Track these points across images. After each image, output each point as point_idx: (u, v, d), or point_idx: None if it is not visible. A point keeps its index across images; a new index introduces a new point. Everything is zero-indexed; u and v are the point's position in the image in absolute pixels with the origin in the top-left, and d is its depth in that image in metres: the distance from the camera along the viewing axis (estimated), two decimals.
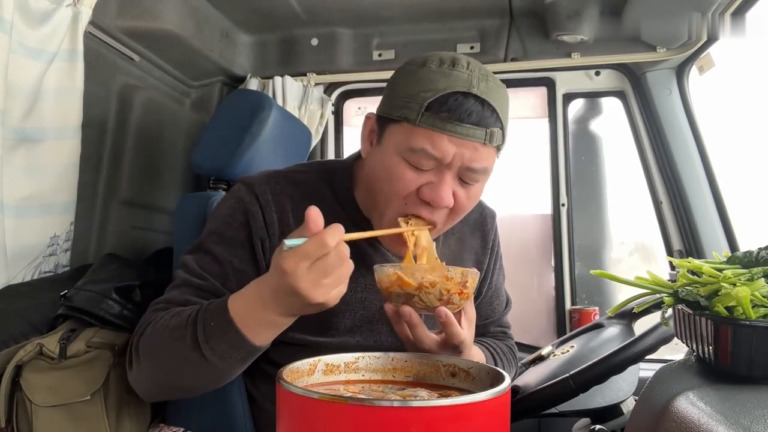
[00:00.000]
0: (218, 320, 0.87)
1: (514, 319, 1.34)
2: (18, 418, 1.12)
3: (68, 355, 1.15)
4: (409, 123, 0.93)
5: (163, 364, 0.94)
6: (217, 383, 0.95)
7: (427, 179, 0.95)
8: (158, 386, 1.00)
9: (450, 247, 1.18)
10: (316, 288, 0.79)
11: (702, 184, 1.89)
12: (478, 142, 0.93)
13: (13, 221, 1.32)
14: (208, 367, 0.89)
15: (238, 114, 1.49)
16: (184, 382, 0.95)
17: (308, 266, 0.78)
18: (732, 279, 0.73)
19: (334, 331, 1.08)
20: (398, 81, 0.99)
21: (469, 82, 0.92)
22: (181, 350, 0.90)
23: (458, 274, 0.89)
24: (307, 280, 0.79)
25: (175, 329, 0.91)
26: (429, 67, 0.95)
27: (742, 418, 0.58)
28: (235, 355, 0.88)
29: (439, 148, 0.92)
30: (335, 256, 0.79)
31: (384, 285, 0.91)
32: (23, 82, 1.32)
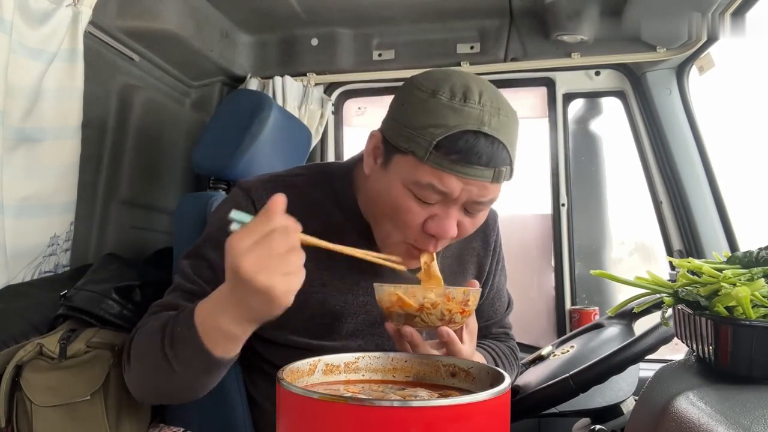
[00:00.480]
0: (184, 326, 0.86)
1: (515, 320, 1.34)
2: (18, 418, 1.12)
3: (68, 355, 1.15)
4: (416, 158, 0.90)
5: (144, 369, 0.95)
6: (195, 390, 0.93)
7: (433, 212, 0.94)
8: (146, 390, 0.99)
9: (451, 250, 1.17)
10: (260, 269, 0.73)
11: (702, 184, 1.89)
12: (486, 181, 0.91)
13: (13, 221, 1.32)
14: (175, 375, 0.88)
15: (238, 114, 1.49)
16: (163, 389, 0.95)
17: (252, 243, 0.74)
18: (732, 279, 0.73)
19: (336, 335, 1.08)
20: (406, 108, 0.94)
21: (480, 120, 0.89)
22: (153, 356, 0.89)
23: (459, 294, 0.89)
24: (250, 258, 0.73)
25: (152, 334, 0.91)
26: (440, 98, 0.90)
27: (742, 418, 0.58)
28: (196, 365, 0.86)
29: (447, 185, 0.90)
30: (281, 234, 0.74)
31: (384, 305, 0.91)
32: (23, 82, 1.32)
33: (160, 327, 0.91)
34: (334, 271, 1.05)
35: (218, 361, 0.85)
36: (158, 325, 0.92)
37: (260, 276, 0.73)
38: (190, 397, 0.95)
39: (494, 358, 1.16)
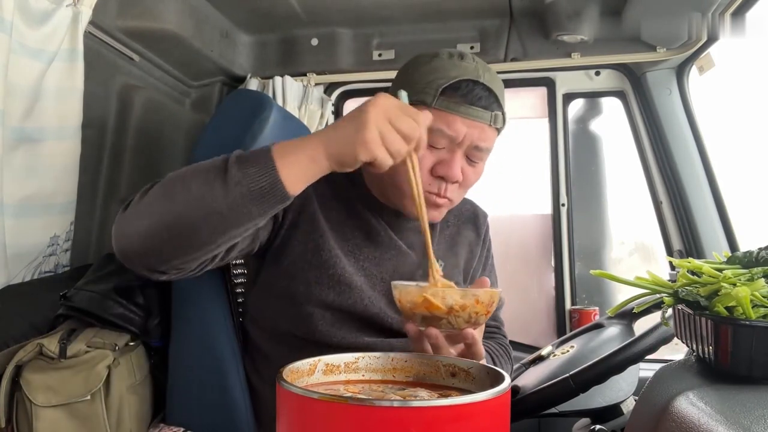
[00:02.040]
0: (258, 150, 0.88)
1: (515, 320, 1.35)
2: (18, 418, 1.12)
3: (68, 355, 1.15)
4: (425, 106, 1.03)
5: (174, 189, 0.88)
6: (221, 224, 0.87)
7: (440, 157, 1.07)
8: (153, 220, 0.89)
9: (446, 238, 1.25)
10: (377, 112, 0.85)
11: (702, 184, 1.89)
12: (485, 124, 1.06)
13: (13, 221, 1.32)
14: (222, 192, 0.84)
15: (238, 114, 1.49)
16: (186, 212, 0.86)
17: (395, 106, 0.87)
18: (732, 279, 0.73)
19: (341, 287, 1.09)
20: (411, 71, 1.10)
21: (476, 72, 1.05)
22: (204, 171, 0.88)
23: (487, 296, 0.88)
24: (384, 103, 0.86)
25: (207, 162, 0.90)
26: (441, 57, 1.07)
27: (742, 418, 0.58)
28: (256, 182, 0.84)
29: (453, 128, 1.04)
30: (413, 126, 0.86)
31: (407, 305, 0.89)
32: (23, 82, 1.32)
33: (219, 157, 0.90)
34: (341, 232, 1.13)
35: (278, 184, 0.85)
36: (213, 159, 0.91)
37: (372, 113, 0.84)
38: (210, 234, 0.88)
39: (492, 358, 1.18)
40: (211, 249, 0.91)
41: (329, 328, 1.10)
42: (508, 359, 1.28)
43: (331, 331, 1.10)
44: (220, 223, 0.87)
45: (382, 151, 0.85)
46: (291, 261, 1.09)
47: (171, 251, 0.90)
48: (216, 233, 0.88)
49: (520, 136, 2.29)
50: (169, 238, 0.88)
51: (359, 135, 0.84)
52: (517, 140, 2.29)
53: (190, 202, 0.86)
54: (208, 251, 0.91)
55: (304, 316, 1.10)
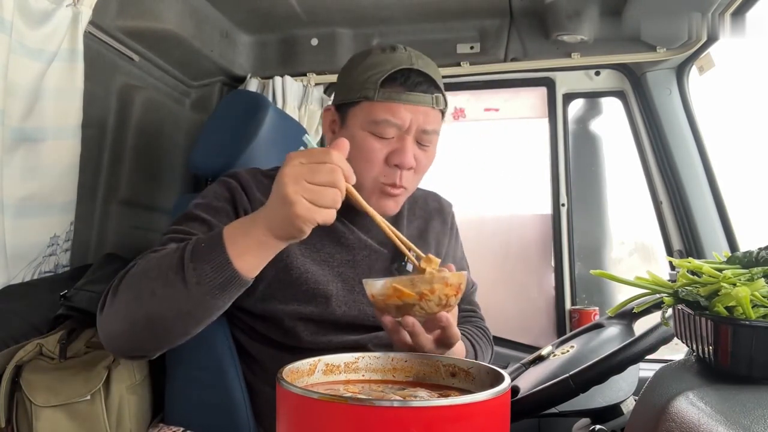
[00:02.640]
0: (209, 241, 0.88)
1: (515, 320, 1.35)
2: (18, 418, 1.12)
3: (68, 355, 1.15)
4: (368, 101, 1.09)
5: (141, 291, 0.91)
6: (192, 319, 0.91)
7: (392, 147, 1.10)
8: (129, 321, 0.92)
9: (414, 231, 1.30)
10: (293, 182, 0.81)
11: (702, 184, 1.89)
12: (428, 107, 1.10)
13: (13, 221, 1.32)
14: (185, 293, 0.87)
15: (236, 115, 1.49)
16: (158, 312, 0.90)
17: (302, 162, 0.82)
18: (732, 279, 0.73)
19: (319, 302, 1.12)
20: (348, 72, 1.14)
21: (410, 60, 1.10)
22: (164, 273, 0.88)
23: (455, 278, 0.90)
24: (292, 169, 0.82)
25: (165, 256, 0.91)
26: (373, 54, 1.12)
27: (742, 418, 0.58)
28: (214, 280, 0.86)
29: (399, 116, 1.08)
30: (328, 170, 0.82)
31: (379, 298, 0.90)
32: (23, 82, 1.32)
33: (176, 248, 0.91)
34: (309, 243, 1.12)
35: (237, 275, 0.87)
36: (171, 249, 0.92)
37: (290, 188, 0.81)
38: (184, 328, 0.92)
39: (471, 343, 1.22)
40: (188, 336, 0.95)
41: (314, 336, 1.13)
42: (487, 341, 1.32)
43: (316, 337, 1.13)
44: (190, 319, 0.91)
45: (319, 213, 0.82)
46: (265, 286, 1.11)
47: (154, 345, 0.97)
48: (189, 326, 0.93)
49: (520, 136, 2.29)
50: (148, 337, 0.94)
51: (291, 212, 0.82)
52: (517, 140, 2.30)
53: (157, 306, 0.89)
54: (187, 337, 0.95)
55: (287, 329, 1.13)
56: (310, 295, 1.12)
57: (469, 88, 2.20)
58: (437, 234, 1.34)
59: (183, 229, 1.05)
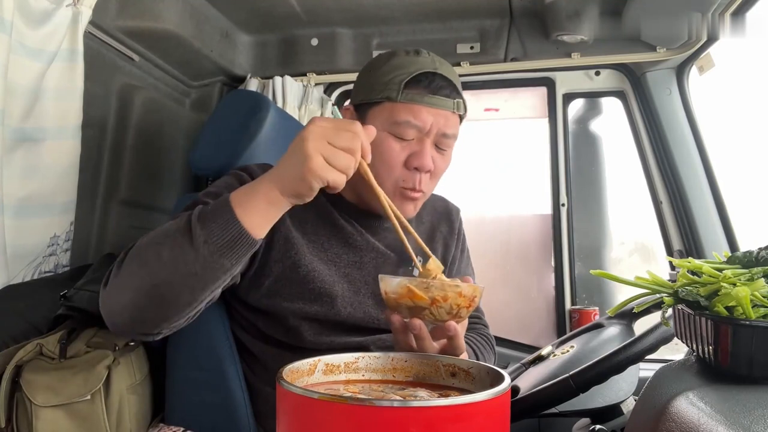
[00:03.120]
0: (217, 204, 0.89)
1: (515, 320, 1.35)
2: (18, 418, 1.12)
3: (68, 355, 1.15)
4: (390, 101, 1.09)
5: (147, 259, 0.90)
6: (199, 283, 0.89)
7: (411, 149, 1.11)
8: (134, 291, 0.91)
9: (421, 234, 1.28)
10: (315, 139, 0.83)
11: (702, 184, 1.89)
12: (449, 111, 1.11)
13: (13, 221, 1.32)
14: (192, 254, 0.86)
15: (236, 114, 1.49)
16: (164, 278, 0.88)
17: (329, 124, 0.86)
18: (732, 279, 0.73)
19: (324, 301, 1.12)
20: (371, 72, 1.14)
21: (434, 65, 1.11)
22: (171, 236, 0.88)
23: (470, 290, 0.90)
24: (317, 128, 0.85)
25: (171, 224, 0.91)
26: (398, 56, 1.13)
27: (742, 418, 0.58)
28: (221, 238, 0.86)
29: (420, 118, 1.08)
30: (351, 137, 0.85)
31: (392, 296, 0.91)
32: (23, 82, 1.32)
33: (182, 217, 0.91)
34: (317, 243, 1.15)
35: (244, 233, 0.87)
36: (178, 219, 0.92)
37: (310, 143, 0.83)
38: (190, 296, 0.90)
39: (474, 351, 1.22)
40: (194, 306, 0.93)
41: (317, 336, 1.13)
42: (491, 349, 1.32)
43: (319, 338, 1.13)
44: (197, 282, 0.89)
45: (331, 173, 0.85)
46: (271, 281, 1.11)
47: (158, 317, 0.93)
48: (196, 292, 0.90)
49: (520, 136, 2.29)
50: (153, 306, 0.91)
51: (305, 166, 0.83)
52: (517, 140, 2.30)
53: (164, 270, 0.88)
54: (193, 308, 0.94)
55: (290, 328, 1.13)
56: (316, 294, 1.12)
57: (469, 88, 2.20)
58: (444, 238, 1.34)
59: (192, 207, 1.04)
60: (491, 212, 2.29)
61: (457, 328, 0.93)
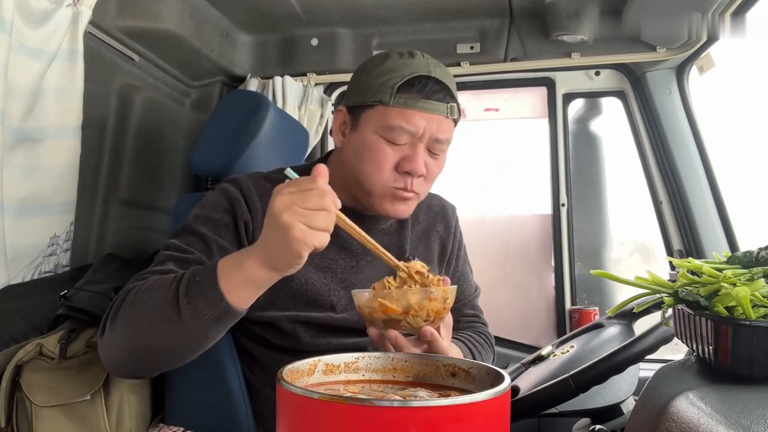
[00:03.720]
0: (204, 276, 0.89)
1: (515, 320, 1.35)
2: (18, 418, 1.12)
3: (68, 356, 1.15)
4: (383, 105, 1.08)
5: (138, 323, 0.93)
6: (188, 349, 0.94)
7: (403, 153, 1.09)
8: (129, 350, 0.95)
9: (418, 234, 1.29)
10: (286, 209, 0.82)
11: (702, 184, 1.89)
12: (441, 116, 1.09)
13: (13, 221, 1.32)
14: (181, 326, 0.88)
15: (236, 114, 1.49)
16: (155, 344, 0.93)
17: (291, 191, 0.83)
18: (732, 279, 0.73)
19: (320, 308, 1.13)
20: (365, 74, 1.12)
21: (428, 68, 1.09)
22: (160, 305, 0.90)
23: (440, 293, 0.91)
24: (283, 198, 0.82)
25: (160, 287, 0.92)
26: (392, 58, 1.11)
27: (742, 418, 0.58)
28: (208, 314, 0.88)
29: (413, 122, 1.07)
30: (318, 194, 0.83)
31: (365, 311, 0.92)
32: (23, 82, 1.32)
33: (171, 280, 0.92)
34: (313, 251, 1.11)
35: (231, 309, 0.88)
36: (165, 280, 0.93)
37: (284, 214, 0.82)
38: (181, 356, 0.95)
39: (470, 350, 1.21)
40: (187, 360, 0.97)
41: (314, 339, 1.13)
42: (489, 347, 1.32)
43: (316, 340, 1.13)
44: (187, 349, 0.94)
45: (315, 237, 0.83)
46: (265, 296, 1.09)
47: (153, 369, 1.03)
48: (186, 355, 0.96)
49: (520, 136, 2.29)
50: (148, 364, 0.99)
51: (288, 237, 0.82)
52: (517, 140, 2.30)
53: (154, 338, 0.92)
54: (186, 362, 0.97)
55: (286, 332, 1.13)
56: (311, 303, 1.13)
57: (469, 88, 2.20)
58: (440, 237, 1.34)
59: (181, 247, 1.05)
60: (491, 212, 2.29)
61: (434, 333, 0.93)
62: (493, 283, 2.19)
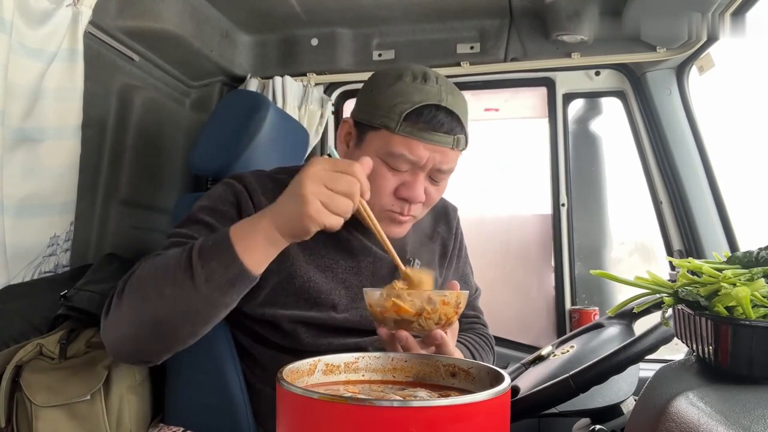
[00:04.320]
0: (217, 240, 0.89)
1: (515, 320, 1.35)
2: (18, 418, 1.12)
3: (68, 355, 1.15)
4: (388, 131, 1.05)
5: (147, 293, 0.91)
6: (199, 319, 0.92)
7: (403, 179, 1.08)
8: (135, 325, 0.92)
9: (419, 235, 1.29)
10: (313, 183, 0.83)
11: (702, 184, 1.89)
12: (447, 148, 1.07)
13: (13, 221, 1.32)
14: (193, 291, 0.87)
15: (235, 115, 1.49)
16: (165, 314, 0.90)
17: (327, 167, 0.85)
18: (732, 279, 0.73)
19: (321, 308, 1.13)
20: (375, 91, 1.10)
21: (439, 96, 1.05)
22: (172, 272, 0.89)
23: (453, 297, 0.91)
24: (316, 171, 0.84)
25: (171, 257, 0.92)
26: (404, 80, 1.07)
27: (742, 418, 0.58)
28: (222, 276, 0.87)
29: (416, 153, 1.05)
30: (348, 180, 0.84)
31: (377, 309, 0.92)
32: (23, 82, 1.32)
33: (183, 248, 0.91)
34: (313, 250, 1.13)
35: (245, 271, 0.88)
36: (176, 251, 0.92)
37: (309, 187, 0.83)
38: (192, 328, 0.93)
39: (471, 352, 1.21)
40: (196, 338, 0.96)
41: (315, 339, 1.13)
42: (489, 349, 1.32)
43: (317, 340, 1.13)
44: (198, 319, 0.92)
45: (328, 218, 0.84)
46: (267, 292, 1.11)
47: (160, 348, 0.97)
48: (197, 327, 0.93)
49: (520, 136, 2.29)
50: (156, 339, 0.94)
51: (302, 211, 0.83)
52: (517, 140, 2.30)
53: (166, 306, 0.90)
54: (195, 339, 0.96)
55: (287, 332, 1.13)
56: (312, 302, 1.12)
57: (469, 88, 2.20)
58: (442, 238, 1.34)
59: (186, 233, 1.05)
60: (491, 212, 2.29)
61: (444, 336, 0.94)
62: (493, 283, 2.19)
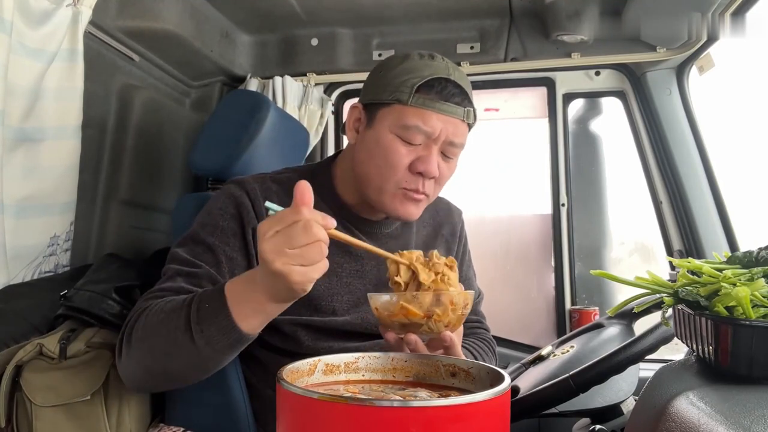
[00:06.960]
0: (213, 303, 0.89)
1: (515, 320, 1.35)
2: (18, 418, 1.12)
3: (68, 355, 1.15)
4: (401, 104, 1.08)
5: (153, 349, 0.94)
6: (205, 370, 0.95)
7: (417, 154, 1.09)
8: (148, 373, 0.98)
9: (423, 237, 1.30)
10: (278, 255, 0.78)
11: (702, 184, 1.89)
12: (458, 119, 1.09)
13: (13, 221, 1.32)
14: (195, 353, 0.89)
15: (236, 114, 1.49)
16: (172, 368, 0.94)
17: (275, 231, 0.79)
18: (732, 279, 0.73)
19: (323, 312, 1.13)
20: (384, 71, 1.12)
21: (447, 70, 1.09)
22: (173, 333, 0.90)
23: (461, 299, 0.91)
24: (271, 243, 0.79)
25: (171, 312, 0.92)
26: (412, 58, 1.11)
27: (742, 418, 0.58)
28: (222, 342, 0.88)
29: (430, 123, 1.07)
30: (303, 228, 0.78)
31: (384, 314, 0.91)
32: (23, 82, 1.32)
33: (180, 305, 0.92)
34: None
35: (244, 336, 0.89)
36: (175, 304, 0.93)
37: (277, 263, 0.79)
38: (199, 376, 0.97)
39: (474, 356, 1.21)
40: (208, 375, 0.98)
41: (315, 342, 1.13)
42: (491, 353, 1.32)
43: (317, 343, 1.13)
44: (201, 370, 0.96)
45: (314, 271, 0.81)
46: None
47: (171, 386, 1.08)
48: (201, 374, 0.97)
49: (520, 136, 2.29)
50: (164, 383, 1.04)
51: (287, 282, 0.80)
52: (517, 140, 2.30)
53: (170, 361, 0.93)
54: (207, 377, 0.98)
55: (287, 335, 1.13)
56: (314, 307, 1.12)
57: None
58: (446, 241, 1.34)
59: (189, 260, 1.05)
60: (491, 212, 2.29)
61: (453, 338, 0.94)
62: (493, 283, 2.19)
